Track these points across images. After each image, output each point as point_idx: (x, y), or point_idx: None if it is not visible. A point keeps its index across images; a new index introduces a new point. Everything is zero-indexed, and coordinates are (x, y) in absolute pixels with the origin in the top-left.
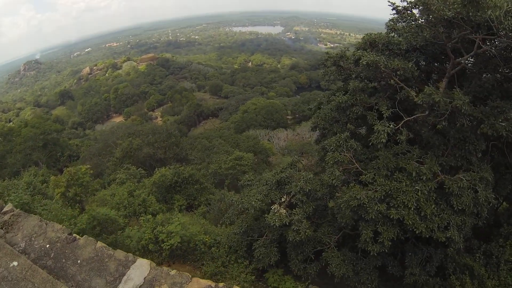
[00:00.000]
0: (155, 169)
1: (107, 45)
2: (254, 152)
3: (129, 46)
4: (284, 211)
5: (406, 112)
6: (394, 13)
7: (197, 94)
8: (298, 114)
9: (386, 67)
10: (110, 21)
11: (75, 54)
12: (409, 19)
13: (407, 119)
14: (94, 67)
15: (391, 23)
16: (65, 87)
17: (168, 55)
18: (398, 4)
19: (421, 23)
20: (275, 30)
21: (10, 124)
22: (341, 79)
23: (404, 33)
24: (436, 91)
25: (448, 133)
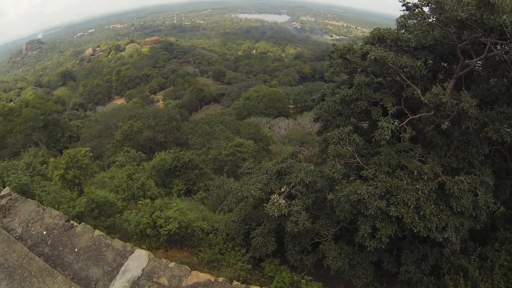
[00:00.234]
0: (155, 152)
1: (111, 26)
2: (255, 139)
3: (133, 28)
4: (283, 202)
5: (410, 109)
6: (404, 9)
7: (199, 79)
8: (300, 104)
9: (394, 64)
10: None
11: (78, 35)
12: (420, 17)
13: (412, 118)
14: (97, 48)
15: (402, 20)
16: (67, 68)
17: (172, 39)
18: (409, 0)
19: (432, 22)
20: (281, 18)
21: (11, 104)
22: (346, 72)
23: (414, 30)
24: (443, 92)
25: (452, 134)
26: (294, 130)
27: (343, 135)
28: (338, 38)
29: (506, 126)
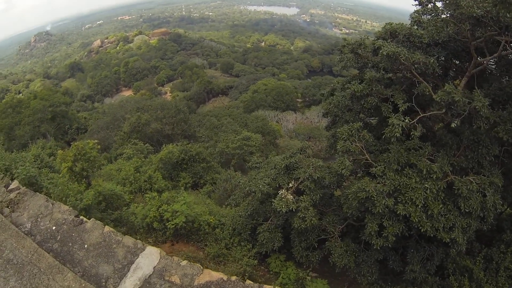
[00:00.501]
0: (163, 145)
1: (119, 18)
2: (262, 133)
3: (141, 20)
4: (291, 197)
5: (420, 106)
6: (416, 3)
7: (208, 71)
8: (308, 98)
9: (406, 60)
10: None
11: (87, 26)
12: (434, 12)
13: (423, 115)
14: (105, 40)
15: (416, 15)
16: (75, 60)
17: (180, 31)
18: None
19: (446, 18)
20: (291, 11)
21: (19, 95)
22: (356, 67)
23: (428, 26)
24: (456, 90)
25: (462, 133)
26: (302, 124)
27: (353, 131)
28: (347, 32)
29: None
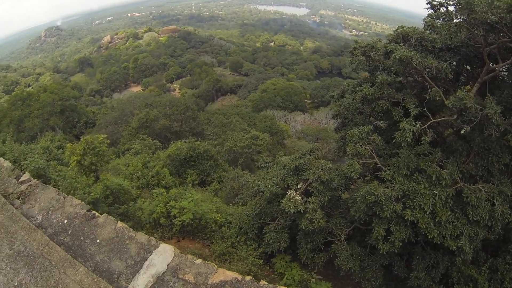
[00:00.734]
0: (171, 141)
1: (129, 14)
2: (270, 132)
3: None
4: (299, 198)
5: (430, 111)
6: (428, 7)
7: (217, 70)
8: (316, 99)
9: (419, 64)
10: None
11: (97, 22)
12: (447, 17)
13: (434, 121)
14: (115, 36)
15: (430, 19)
16: (85, 55)
17: (190, 28)
18: None
19: (460, 23)
20: (300, 11)
21: (29, 88)
22: (367, 70)
23: (442, 31)
24: (468, 96)
25: (472, 140)
26: (310, 125)
27: (363, 134)
28: (357, 33)
29: None
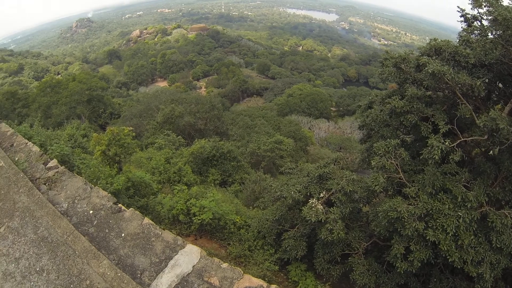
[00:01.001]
0: (194, 139)
1: (159, 10)
2: (294, 138)
3: (180, 14)
4: (321, 207)
5: (459, 129)
6: (461, 20)
7: (244, 70)
8: (342, 108)
9: (451, 80)
10: None
11: (127, 16)
12: (482, 32)
13: (463, 140)
14: (144, 31)
15: (465, 34)
16: (113, 47)
17: (219, 28)
18: (468, 11)
19: (496, 39)
20: (330, 17)
21: (58, 76)
22: (397, 82)
23: (477, 47)
24: (501, 117)
25: (501, 163)
26: (334, 134)
27: (390, 148)
28: (386, 43)
29: None
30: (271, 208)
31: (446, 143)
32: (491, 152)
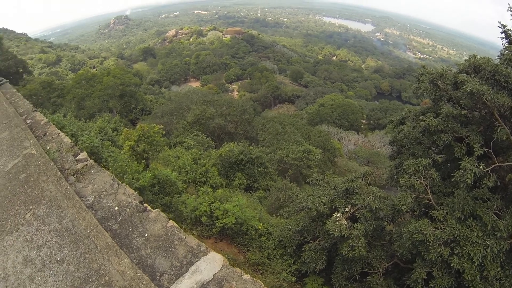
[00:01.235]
0: (223, 141)
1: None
2: (323, 148)
3: (216, 16)
4: (344, 222)
5: (494, 152)
6: (502, 36)
7: (277, 76)
8: (373, 121)
9: (490, 101)
10: None
11: (163, 16)
12: None
13: (499, 164)
14: (180, 31)
15: (507, 52)
16: (149, 45)
17: (254, 32)
18: (510, 27)
19: None
20: (365, 27)
21: (93, 70)
22: (432, 98)
23: None
24: None
25: None
26: (363, 147)
27: (420, 167)
28: (421, 56)
29: None
30: (295, 218)
31: (480, 167)
32: None
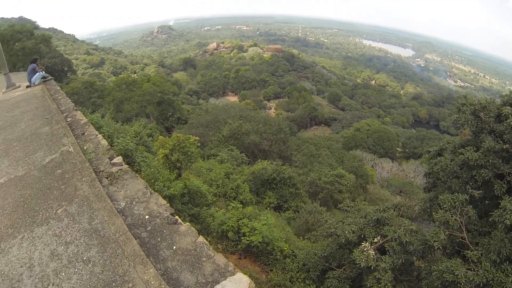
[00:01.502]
0: (257, 159)
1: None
2: (356, 174)
3: (258, 33)
4: (372, 253)
5: None
6: None
7: (315, 98)
8: (408, 149)
9: None
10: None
11: (206, 28)
12: None
13: None
14: (221, 44)
15: None
16: (190, 56)
17: (294, 51)
18: None
19: None
20: (406, 52)
21: (134, 75)
22: (473, 131)
23: None
24: None
25: None
26: (396, 176)
27: (457, 203)
28: (462, 84)
29: None
30: (322, 243)
31: None
32: None
